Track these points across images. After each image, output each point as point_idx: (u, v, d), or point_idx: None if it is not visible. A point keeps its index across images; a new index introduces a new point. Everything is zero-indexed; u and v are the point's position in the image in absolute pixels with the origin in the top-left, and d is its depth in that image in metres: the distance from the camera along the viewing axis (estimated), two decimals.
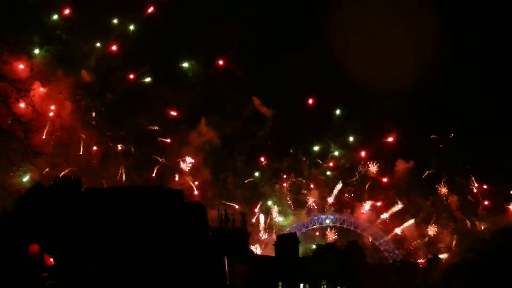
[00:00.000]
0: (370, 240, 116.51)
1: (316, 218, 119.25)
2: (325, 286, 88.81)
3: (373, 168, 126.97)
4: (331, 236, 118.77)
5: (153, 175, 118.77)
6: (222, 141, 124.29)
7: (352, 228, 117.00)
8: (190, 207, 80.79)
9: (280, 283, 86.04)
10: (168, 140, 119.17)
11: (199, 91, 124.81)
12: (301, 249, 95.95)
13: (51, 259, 75.39)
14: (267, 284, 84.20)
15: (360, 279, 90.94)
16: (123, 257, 73.14)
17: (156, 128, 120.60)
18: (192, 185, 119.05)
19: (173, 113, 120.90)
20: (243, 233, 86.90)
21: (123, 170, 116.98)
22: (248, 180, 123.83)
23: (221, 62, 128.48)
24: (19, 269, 73.11)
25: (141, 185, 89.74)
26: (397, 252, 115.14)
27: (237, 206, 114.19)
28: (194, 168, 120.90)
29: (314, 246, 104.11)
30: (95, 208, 74.78)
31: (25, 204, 76.78)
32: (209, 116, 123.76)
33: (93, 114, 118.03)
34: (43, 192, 77.49)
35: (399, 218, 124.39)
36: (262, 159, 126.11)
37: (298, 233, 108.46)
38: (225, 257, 79.32)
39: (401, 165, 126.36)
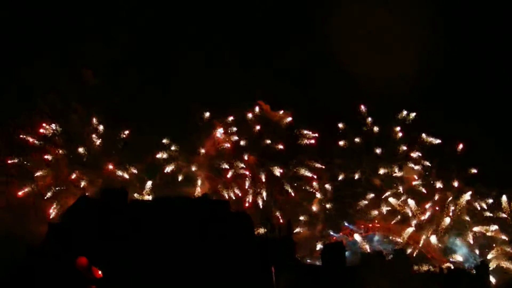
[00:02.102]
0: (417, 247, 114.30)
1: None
2: None
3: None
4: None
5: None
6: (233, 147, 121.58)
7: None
8: (236, 217, 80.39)
9: None
10: (173, 148, 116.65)
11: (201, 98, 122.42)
12: None
13: (100, 272, 75.49)
14: None
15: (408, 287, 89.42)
16: (170, 268, 72.99)
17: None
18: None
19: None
20: (289, 241, 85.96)
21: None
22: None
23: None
24: (68, 282, 73.38)
25: (186, 196, 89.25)
26: (443, 259, 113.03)
27: None
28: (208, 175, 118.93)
29: None
30: (142, 220, 74.72)
31: (72, 216, 77.13)
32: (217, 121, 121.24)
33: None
34: (90, 204, 77.72)
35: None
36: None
37: None
38: (272, 267, 78.54)
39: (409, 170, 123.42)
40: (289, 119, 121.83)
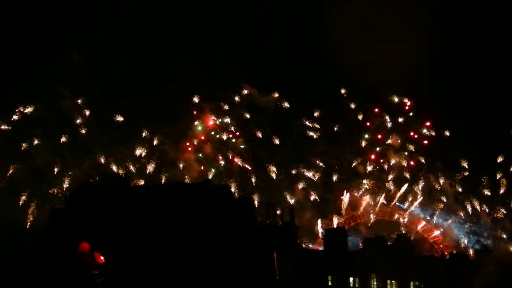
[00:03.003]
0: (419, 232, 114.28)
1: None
2: (374, 279, 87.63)
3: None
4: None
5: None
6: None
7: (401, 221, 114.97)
8: (238, 203, 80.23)
9: (329, 277, 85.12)
10: (155, 142, 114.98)
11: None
12: None
13: (101, 257, 75.58)
14: (316, 277, 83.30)
15: (409, 272, 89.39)
16: (172, 253, 72.93)
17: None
18: None
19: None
20: (291, 227, 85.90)
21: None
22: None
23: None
24: (70, 266, 73.48)
25: (188, 182, 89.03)
26: (446, 244, 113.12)
27: None
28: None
29: None
30: (144, 205, 74.55)
31: (74, 202, 77.05)
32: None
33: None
34: (92, 190, 77.57)
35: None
36: None
37: None
38: (274, 252, 78.53)
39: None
40: (286, 104, 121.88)
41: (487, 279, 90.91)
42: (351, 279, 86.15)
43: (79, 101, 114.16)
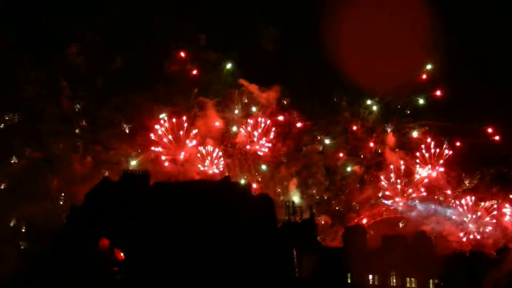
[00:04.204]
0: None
1: None
2: (394, 277, 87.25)
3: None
4: None
5: None
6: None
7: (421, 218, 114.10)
8: (258, 200, 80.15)
9: (349, 275, 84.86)
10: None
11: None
12: None
13: (121, 254, 75.87)
14: (336, 275, 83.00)
15: (429, 270, 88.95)
16: (192, 250, 73.10)
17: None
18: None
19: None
20: (311, 224, 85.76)
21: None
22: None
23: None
24: (90, 263, 73.82)
25: (208, 179, 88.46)
26: (466, 242, 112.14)
27: None
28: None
29: None
30: (164, 202, 74.66)
31: (94, 199, 77.31)
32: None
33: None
34: (112, 187, 77.79)
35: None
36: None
37: None
38: (294, 249, 78.44)
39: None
40: (298, 124, 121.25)
41: (508, 276, 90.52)
42: (370, 277, 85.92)
43: (78, 106, 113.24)
